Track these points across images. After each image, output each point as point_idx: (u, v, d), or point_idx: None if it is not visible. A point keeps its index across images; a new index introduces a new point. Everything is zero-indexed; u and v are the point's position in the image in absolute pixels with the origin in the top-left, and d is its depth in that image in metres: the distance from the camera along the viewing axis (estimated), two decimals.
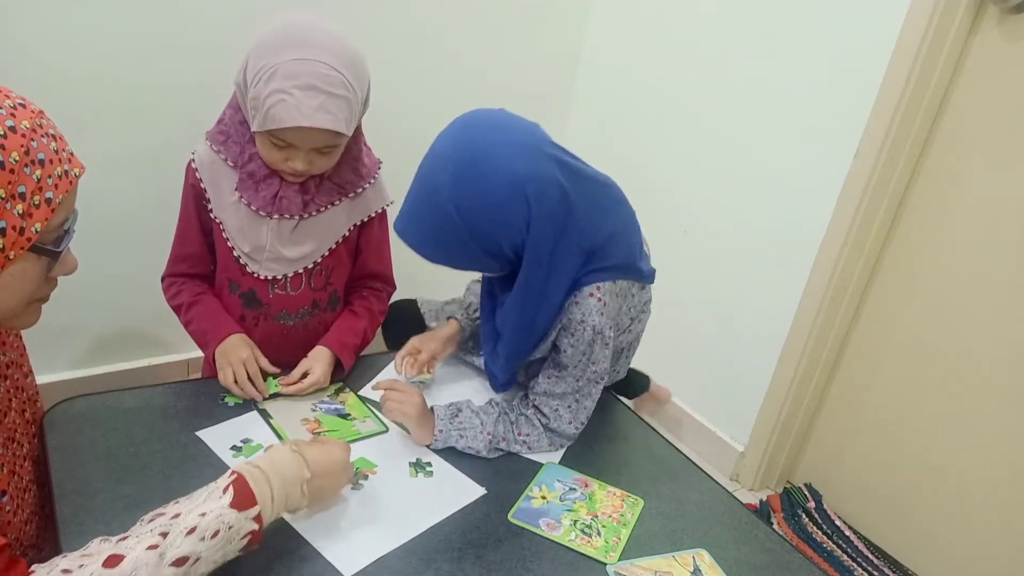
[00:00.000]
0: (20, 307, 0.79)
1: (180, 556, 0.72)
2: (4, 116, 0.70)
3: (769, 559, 1.01)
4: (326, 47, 1.03)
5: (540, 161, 0.96)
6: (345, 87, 1.04)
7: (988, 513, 1.62)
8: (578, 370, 1.10)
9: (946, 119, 1.59)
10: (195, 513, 0.75)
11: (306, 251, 1.22)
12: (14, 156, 0.69)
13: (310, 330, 1.29)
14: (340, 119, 1.05)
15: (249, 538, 0.79)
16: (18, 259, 0.73)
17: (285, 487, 0.83)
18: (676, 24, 2.00)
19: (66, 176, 0.76)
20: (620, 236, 1.05)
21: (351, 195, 1.23)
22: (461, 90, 2.09)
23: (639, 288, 1.15)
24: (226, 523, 0.76)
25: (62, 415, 1.06)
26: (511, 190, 0.94)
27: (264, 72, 1.02)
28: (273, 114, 1.02)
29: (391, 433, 1.14)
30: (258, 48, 1.04)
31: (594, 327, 1.05)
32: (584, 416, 1.16)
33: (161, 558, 0.71)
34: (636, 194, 1.15)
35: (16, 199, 0.70)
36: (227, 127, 1.16)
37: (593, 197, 1.02)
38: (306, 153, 1.09)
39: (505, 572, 0.91)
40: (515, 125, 0.99)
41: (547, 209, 0.96)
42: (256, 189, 1.16)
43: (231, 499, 0.77)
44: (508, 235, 0.97)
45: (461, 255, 1.01)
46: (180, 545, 0.72)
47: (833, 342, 1.82)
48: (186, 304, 1.24)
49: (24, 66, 1.48)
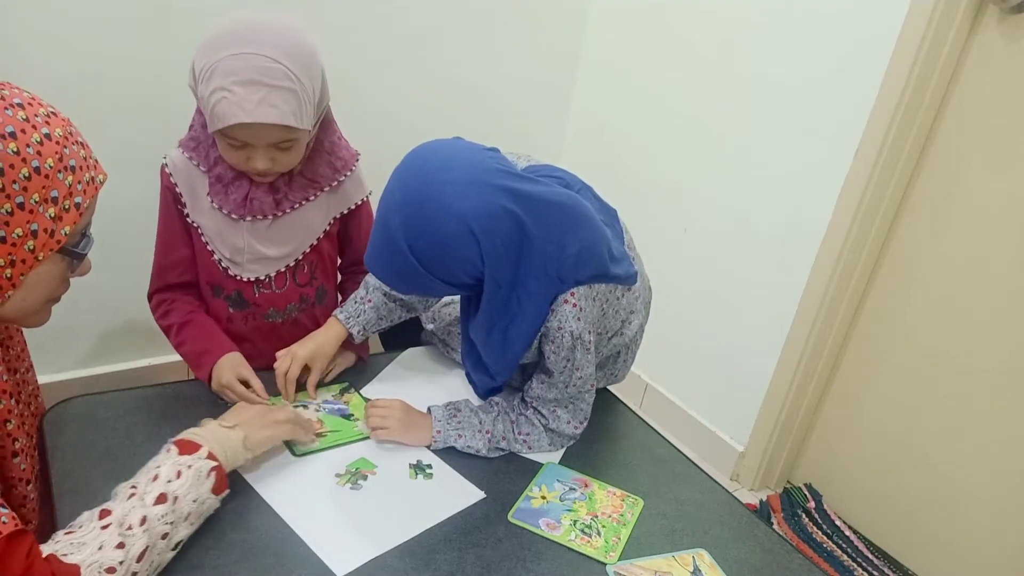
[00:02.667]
0: (39, 306, 0.83)
1: (158, 495, 0.81)
2: (40, 124, 0.75)
3: (769, 559, 1.01)
4: (267, 40, 1.00)
5: (487, 195, 0.95)
6: (289, 78, 1.01)
7: (988, 513, 1.62)
8: (564, 376, 1.10)
9: (946, 119, 1.59)
10: (152, 468, 0.85)
11: (286, 250, 1.21)
12: (49, 162, 0.74)
13: (300, 325, 1.29)
14: (286, 111, 1.02)
15: (215, 475, 0.87)
16: (46, 260, 0.78)
17: (220, 441, 0.92)
18: (676, 24, 2.00)
19: (92, 182, 0.81)
20: (587, 251, 1.04)
21: (327, 189, 1.21)
22: (462, 90, 2.09)
23: (624, 290, 1.13)
24: (184, 464, 0.85)
25: (62, 415, 1.06)
26: (458, 228, 0.94)
27: (205, 71, 1.00)
28: (217, 112, 1.00)
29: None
30: (201, 47, 1.02)
31: (572, 333, 1.04)
32: (583, 416, 1.16)
33: (142, 500, 0.80)
34: (636, 194, 1.16)
35: (49, 203, 0.75)
36: (197, 132, 1.15)
37: (551, 218, 1.00)
38: (264, 150, 1.07)
39: (505, 572, 0.91)
40: (462, 159, 0.98)
41: (499, 241, 0.96)
42: (226, 192, 1.14)
43: (177, 452, 0.87)
44: (464, 268, 0.98)
45: (427, 287, 1.02)
46: (153, 489, 0.81)
47: (833, 342, 1.82)
48: (176, 325, 1.20)
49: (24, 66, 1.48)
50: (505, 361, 1.10)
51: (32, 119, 0.74)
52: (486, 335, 1.08)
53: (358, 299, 1.25)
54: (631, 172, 2.17)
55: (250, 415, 1.01)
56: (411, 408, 1.14)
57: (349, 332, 1.22)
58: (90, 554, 0.74)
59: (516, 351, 1.08)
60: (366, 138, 1.33)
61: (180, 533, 0.83)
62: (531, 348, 1.09)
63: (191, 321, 1.21)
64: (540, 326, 1.05)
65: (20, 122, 0.73)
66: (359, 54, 1.87)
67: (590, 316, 1.07)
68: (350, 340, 1.23)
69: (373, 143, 1.29)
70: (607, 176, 1.44)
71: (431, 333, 1.35)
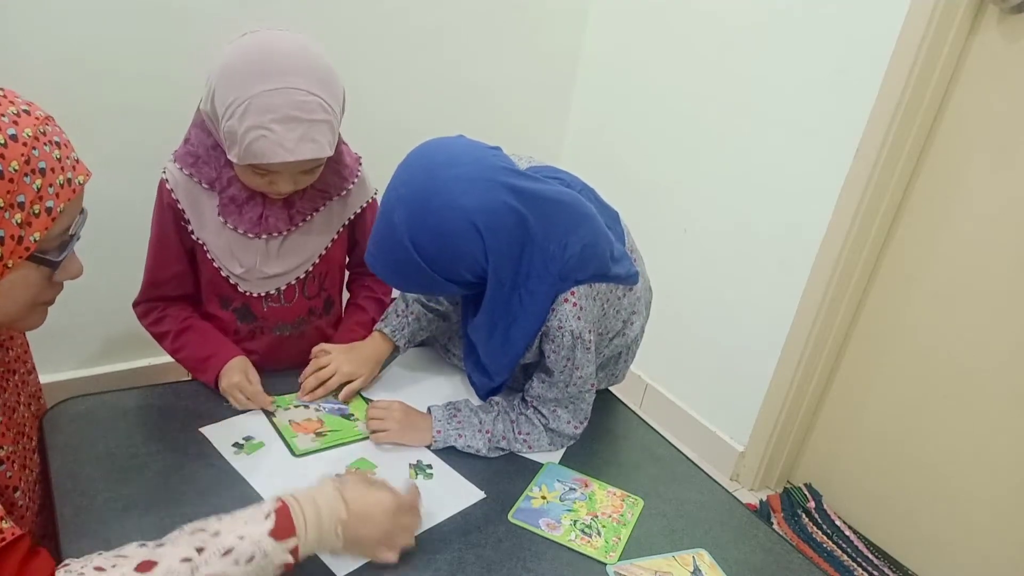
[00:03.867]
0: (23, 312, 0.79)
1: (210, 575, 0.71)
2: (6, 124, 0.69)
3: (769, 559, 1.01)
4: (296, 69, 0.99)
5: (492, 192, 0.95)
6: (324, 110, 1.01)
7: (988, 513, 1.62)
8: (565, 376, 1.09)
9: (946, 119, 1.59)
10: (234, 534, 0.74)
11: (297, 262, 1.20)
12: (13, 165, 0.69)
13: (307, 337, 1.28)
14: (324, 144, 1.02)
15: (281, 569, 0.76)
16: (17, 267, 0.73)
17: (320, 523, 0.80)
18: (676, 24, 2.00)
19: (69, 184, 0.75)
20: (589, 250, 1.04)
21: (335, 198, 1.21)
22: (461, 90, 2.10)
23: (625, 290, 1.14)
24: (263, 551, 0.74)
25: (62, 415, 1.06)
26: (463, 224, 0.94)
27: (236, 106, 0.97)
28: (255, 150, 0.99)
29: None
30: (224, 77, 0.99)
31: (572, 332, 1.04)
32: (583, 416, 1.16)
33: (192, 573, 0.70)
34: (636, 194, 1.16)
35: (15, 208, 0.70)
36: (195, 148, 1.11)
37: (553, 217, 1.01)
38: (290, 175, 1.07)
39: (505, 572, 0.91)
40: (468, 155, 0.98)
41: (503, 237, 0.97)
42: (240, 212, 1.13)
43: (272, 526, 0.75)
44: (467, 265, 0.98)
45: (428, 285, 1.01)
46: (213, 565, 0.71)
47: (833, 342, 1.82)
48: (173, 332, 1.18)
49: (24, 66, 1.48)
50: (505, 361, 1.10)
51: None
52: (487, 335, 1.07)
53: (399, 312, 1.25)
54: (631, 172, 2.17)
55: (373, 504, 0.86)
56: (411, 409, 1.14)
57: (396, 345, 1.23)
58: None
59: (517, 351, 1.08)
60: (365, 138, 1.33)
61: None
62: (531, 348, 1.09)
63: (189, 327, 1.19)
64: (541, 326, 1.05)
65: None
66: (358, 54, 1.87)
67: (590, 315, 1.07)
68: (396, 352, 1.24)
69: (372, 143, 1.29)
70: (607, 176, 1.44)
71: (432, 338, 1.35)
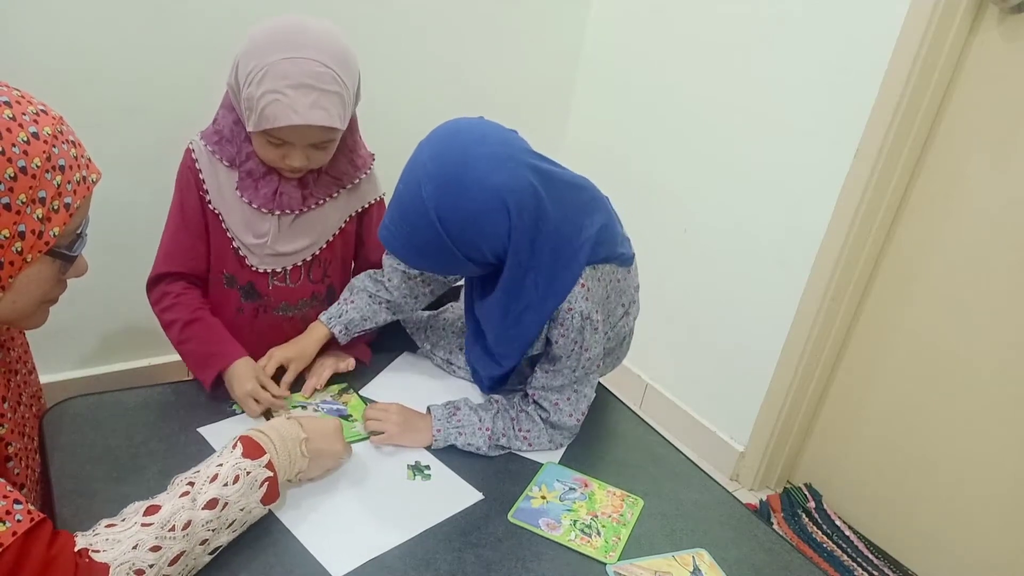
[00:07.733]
0: (33, 308, 0.82)
1: (209, 499, 0.80)
2: (28, 122, 0.73)
3: (769, 559, 1.01)
4: (315, 45, 1.05)
5: (519, 171, 0.98)
6: (336, 82, 1.06)
7: (988, 513, 1.62)
8: (572, 359, 1.10)
9: (946, 119, 1.59)
10: (214, 465, 0.84)
11: (305, 243, 1.23)
12: (36, 162, 0.72)
13: (308, 320, 1.28)
14: (334, 114, 1.07)
15: (267, 486, 0.87)
16: (35, 262, 0.76)
17: (286, 444, 0.91)
18: (676, 24, 2.00)
19: (84, 182, 0.79)
20: (604, 232, 1.08)
21: (348, 187, 1.24)
22: (462, 90, 2.09)
23: (625, 272, 1.16)
24: (243, 469, 0.85)
25: (62, 415, 1.06)
26: (493, 201, 0.96)
27: (256, 73, 1.03)
28: (268, 114, 1.04)
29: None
30: (248, 50, 1.06)
31: (581, 313, 1.06)
32: (584, 406, 1.16)
33: (193, 502, 0.79)
34: (636, 194, 1.16)
35: (36, 204, 0.73)
36: (221, 127, 1.16)
37: (570, 200, 1.04)
38: (303, 149, 1.10)
39: (505, 572, 0.91)
40: (495, 135, 1.01)
41: (527, 217, 0.99)
42: (256, 187, 1.16)
43: (242, 451, 0.86)
44: (490, 243, 1.00)
45: (445, 262, 1.03)
46: (207, 491, 0.81)
47: (833, 342, 1.82)
48: (182, 322, 1.17)
49: (24, 66, 1.48)
50: (516, 345, 1.10)
51: (20, 117, 0.72)
52: (501, 316, 1.08)
53: (342, 300, 1.26)
54: (631, 172, 2.17)
55: (324, 424, 1.00)
56: (409, 410, 1.14)
57: (332, 332, 1.22)
58: (123, 552, 0.73)
59: (530, 335, 1.09)
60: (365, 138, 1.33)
61: (221, 539, 0.83)
62: (541, 336, 1.10)
63: (198, 319, 1.18)
64: (555, 308, 1.06)
65: (6, 121, 0.71)
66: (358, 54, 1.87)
67: (597, 296, 1.09)
68: (335, 341, 1.23)
69: (372, 143, 1.29)
70: (607, 176, 1.43)
71: (430, 352, 1.34)
